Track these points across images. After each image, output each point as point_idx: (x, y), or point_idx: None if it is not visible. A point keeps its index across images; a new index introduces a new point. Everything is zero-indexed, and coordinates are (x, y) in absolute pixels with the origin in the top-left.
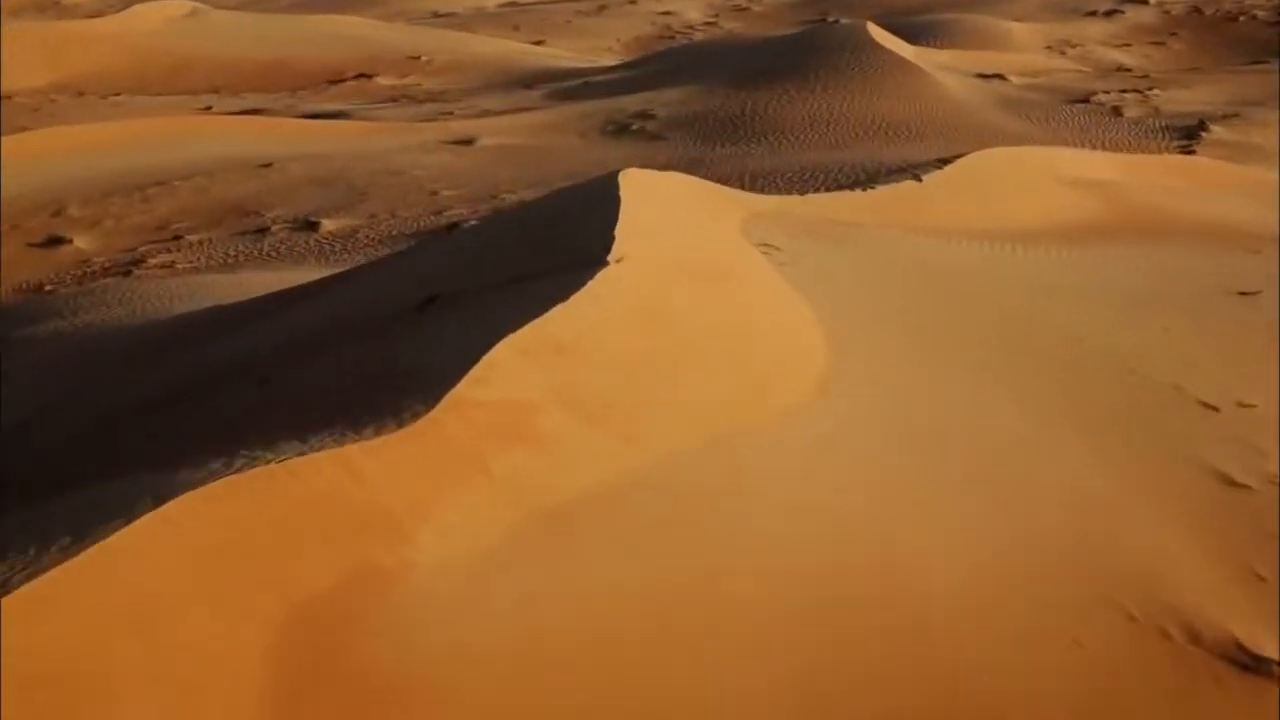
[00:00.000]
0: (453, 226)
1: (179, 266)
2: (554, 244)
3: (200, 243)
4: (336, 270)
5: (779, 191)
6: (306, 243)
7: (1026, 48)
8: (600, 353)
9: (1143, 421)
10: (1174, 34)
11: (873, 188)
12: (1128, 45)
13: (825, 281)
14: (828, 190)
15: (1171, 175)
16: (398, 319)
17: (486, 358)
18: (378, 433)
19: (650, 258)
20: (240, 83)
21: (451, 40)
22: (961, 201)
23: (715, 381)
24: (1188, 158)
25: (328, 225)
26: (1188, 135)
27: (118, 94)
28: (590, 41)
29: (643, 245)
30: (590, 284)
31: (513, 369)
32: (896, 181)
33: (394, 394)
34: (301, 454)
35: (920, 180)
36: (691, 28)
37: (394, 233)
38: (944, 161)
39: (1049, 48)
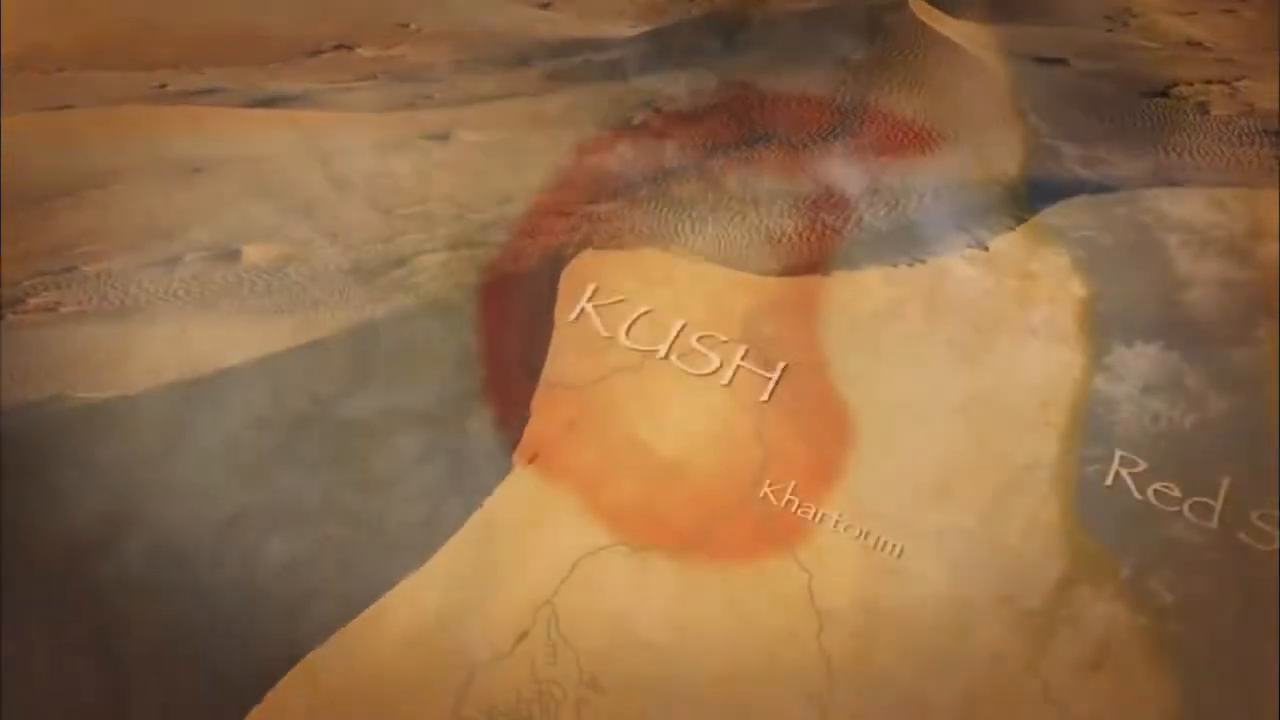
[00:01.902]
0: (400, 263)
1: (62, 310)
2: (446, 408)
3: (97, 275)
4: (248, 317)
5: (796, 223)
6: (224, 278)
7: (1082, 17)
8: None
9: None
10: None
11: (922, 261)
12: (1193, 14)
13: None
14: (859, 226)
15: None
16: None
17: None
18: None
19: (581, 454)
20: (204, 55)
21: (447, 5)
22: (1041, 280)
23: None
24: None
25: (251, 255)
26: None
27: (63, 69)
28: (603, 3)
29: (571, 437)
30: (466, 528)
31: None
32: (950, 252)
33: None
34: None
35: (986, 249)
36: None
37: (330, 267)
38: (1017, 219)
39: (1108, 17)
